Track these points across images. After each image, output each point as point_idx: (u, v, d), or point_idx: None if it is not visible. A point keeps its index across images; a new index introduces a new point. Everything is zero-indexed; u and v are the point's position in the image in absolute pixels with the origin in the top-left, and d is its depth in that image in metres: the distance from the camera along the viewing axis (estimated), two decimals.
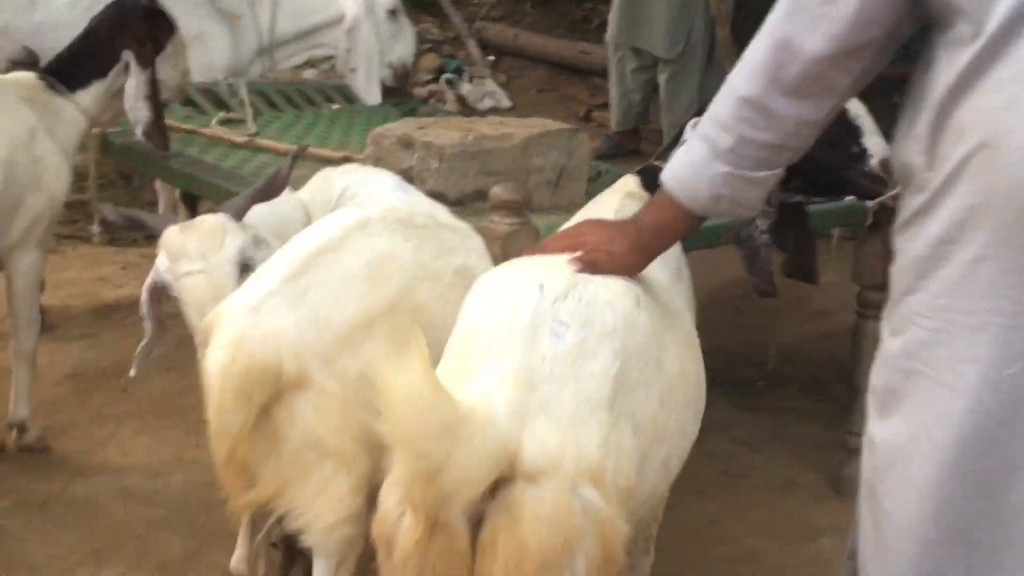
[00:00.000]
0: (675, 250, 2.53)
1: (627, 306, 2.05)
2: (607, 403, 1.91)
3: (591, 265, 2.03)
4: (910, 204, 1.74)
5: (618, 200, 2.61)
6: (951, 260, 1.66)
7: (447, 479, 1.72)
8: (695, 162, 1.96)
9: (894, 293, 1.79)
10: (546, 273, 2.06)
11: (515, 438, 1.81)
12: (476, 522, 1.82)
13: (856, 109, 2.88)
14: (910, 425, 1.73)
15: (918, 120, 1.70)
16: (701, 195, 1.96)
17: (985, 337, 1.63)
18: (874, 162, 2.86)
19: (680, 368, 2.16)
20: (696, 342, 2.33)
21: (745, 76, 1.86)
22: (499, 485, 1.80)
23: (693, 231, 2.09)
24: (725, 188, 1.93)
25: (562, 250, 2.08)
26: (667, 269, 2.40)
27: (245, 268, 2.63)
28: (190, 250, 2.61)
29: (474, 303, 2.10)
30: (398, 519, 1.84)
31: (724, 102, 1.90)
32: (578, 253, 2.05)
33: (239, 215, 2.70)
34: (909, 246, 1.74)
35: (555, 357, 1.91)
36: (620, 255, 2.06)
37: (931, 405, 1.70)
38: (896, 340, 1.77)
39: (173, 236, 2.64)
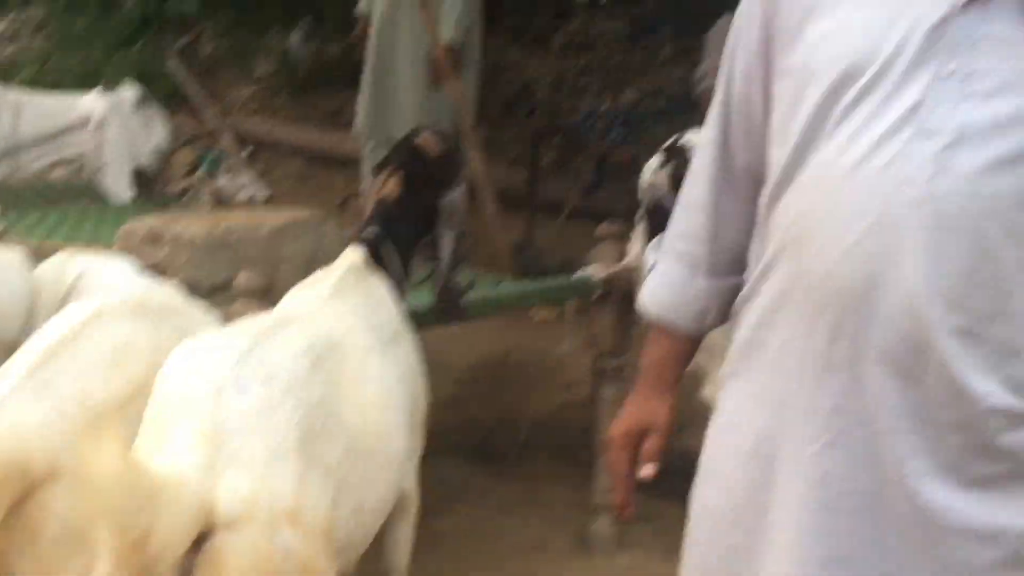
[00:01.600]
0: (390, 318, 2.70)
1: (305, 364, 2.23)
2: (296, 450, 2.06)
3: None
4: (744, 289, 1.82)
5: (337, 276, 2.72)
6: (764, 345, 1.73)
7: (152, 544, 1.82)
8: (674, 282, 1.90)
9: (723, 374, 1.85)
10: (228, 338, 2.23)
11: (209, 492, 1.93)
12: None
13: None
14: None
15: (760, 211, 1.80)
16: (688, 314, 1.89)
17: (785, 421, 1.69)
18: None
19: (361, 423, 2.32)
20: (391, 401, 2.47)
21: None
22: (203, 538, 1.91)
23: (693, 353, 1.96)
24: (711, 301, 1.88)
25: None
26: (372, 335, 2.56)
27: None
28: None
29: (164, 375, 2.22)
30: None
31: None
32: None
33: None
34: (737, 330, 1.81)
35: (240, 412, 2.05)
36: (639, 412, 1.89)
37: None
38: (714, 420, 1.85)
39: None
